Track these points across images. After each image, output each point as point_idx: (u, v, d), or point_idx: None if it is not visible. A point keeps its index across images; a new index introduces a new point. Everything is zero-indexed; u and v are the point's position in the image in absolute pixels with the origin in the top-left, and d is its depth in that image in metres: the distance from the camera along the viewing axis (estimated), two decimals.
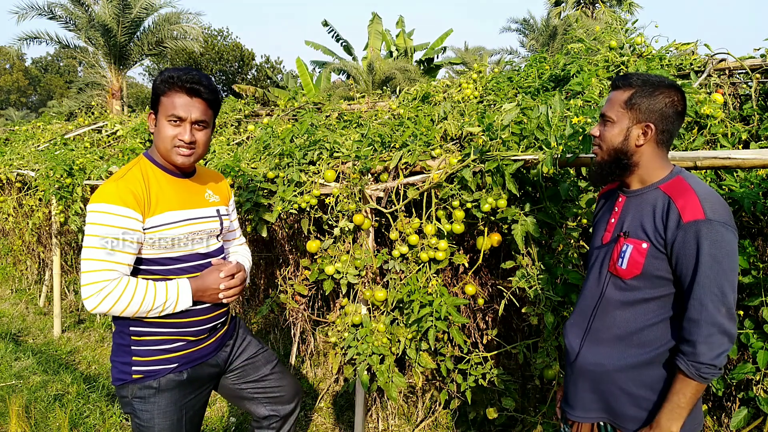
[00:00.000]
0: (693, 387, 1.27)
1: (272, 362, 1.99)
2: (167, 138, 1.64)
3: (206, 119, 1.67)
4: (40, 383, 3.61)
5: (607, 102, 1.44)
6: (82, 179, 4.18)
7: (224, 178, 2.00)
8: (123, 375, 1.67)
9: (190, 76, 1.61)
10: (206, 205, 1.80)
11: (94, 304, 1.51)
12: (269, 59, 33.23)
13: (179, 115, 1.62)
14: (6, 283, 6.30)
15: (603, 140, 1.43)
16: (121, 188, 1.57)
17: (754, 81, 2.91)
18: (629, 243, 1.38)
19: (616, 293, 1.41)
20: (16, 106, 39.93)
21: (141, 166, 1.68)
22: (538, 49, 23.78)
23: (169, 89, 1.62)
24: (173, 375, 1.69)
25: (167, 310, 1.62)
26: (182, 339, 1.70)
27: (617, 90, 1.42)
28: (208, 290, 1.68)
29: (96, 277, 1.52)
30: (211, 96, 1.66)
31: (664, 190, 1.36)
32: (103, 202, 1.55)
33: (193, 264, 1.72)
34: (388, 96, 5.50)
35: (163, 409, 1.67)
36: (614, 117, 1.40)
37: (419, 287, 2.21)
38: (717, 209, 1.27)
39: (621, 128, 1.39)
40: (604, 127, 1.44)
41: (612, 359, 1.41)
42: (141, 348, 1.66)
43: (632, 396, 1.38)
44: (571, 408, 1.52)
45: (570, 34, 3.98)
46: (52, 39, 16.60)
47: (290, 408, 2.00)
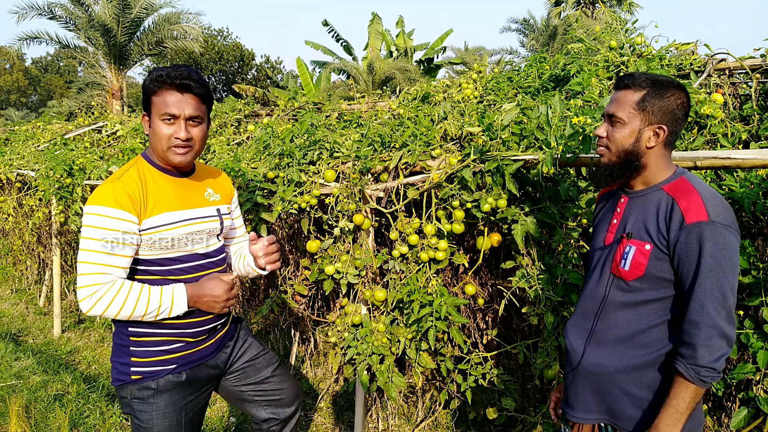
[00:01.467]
0: (692, 391, 1.26)
1: (273, 365, 1.98)
2: (163, 137, 1.62)
3: (200, 114, 1.65)
4: (40, 383, 3.61)
5: (615, 102, 1.40)
6: (82, 179, 4.18)
7: (224, 174, 1.97)
8: (122, 376, 1.67)
9: (178, 73, 1.59)
10: (206, 204, 1.78)
11: (87, 307, 1.52)
12: (269, 59, 33.25)
13: (172, 112, 1.60)
14: (6, 283, 6.30)
15: (612, 141, 1.39)
16: (117, 190, 1.56)
17: (754, 81, 2.91)
18: (632, 244, 1.37)
19: (618, 294, 1.40)
20: (16, 106, 39.94)
21: (138, 167, 1.67)
22: (538, 49, 23.78)
23: (159, 88, 1.60)
24: (172, 376, 1.68)
25: (162, 315, 1.61)
26: (181, 340, 1.69)
27: (626, 90, 1.38)
28: (204, 297, 1.66)
29: (90, 280, 1.51)
30: (203, 90, 1.64)
31: (668, 191, 1.35)
32: (98, 205, 1.54)
33: (192, 264, 1.71)
34: (388, 96, 5.50)
35: (161, 410, 1.67)
36: (625, 118, 1.36)
37: (419, 287, 2.21)
38: (720, 211, 1.27)
39: (632, 129, 1.36)
40: (612, 128, 1.40)
41: (613, 360, 1.40)
42: (139, 349, 1.66)
43: (633, 397, 1.38)
44: (571, 409, 1.52)
45: (570, 34, 3.98)
46: (52, 39, 16.60)
47: (290, 411, 1.99)
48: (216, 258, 1.80)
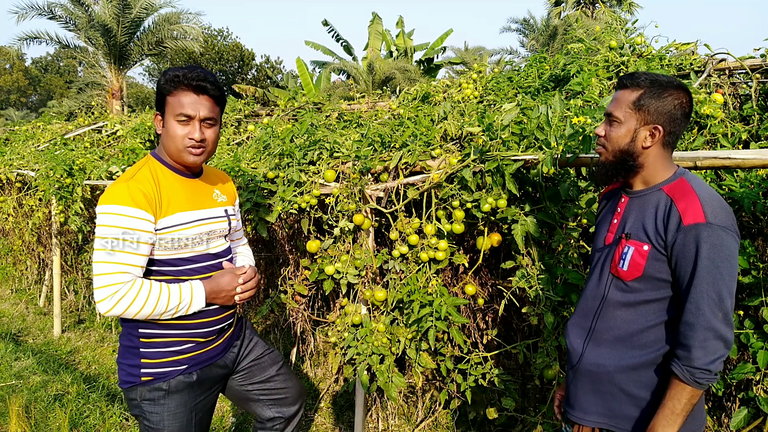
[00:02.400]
0: (688, 392, 1.26)
1: (278, 363, 1.99)
2: (177, 138, 1.62)
3: (214, 116, 1.66)
4: (40, 383, 3.61)
5: (614, 101, 1.41)
6: (82, 179, 4.18)
7: (230, 177, 2.00)
8: (131, 377, 1.65)
9: (195, 74, 1.60)
10: (215, 205, 1.79)
11: (108, 307, 1.50)
12: (269, 59, 33.23)
13: (188, 113, 1.60)
14: (6, 283, 6.30)
15: (609, 140, 1.40)
16: (132, 189, 1.55)
17: (754, 81, 2.91)
18: (630, 245, 1.37)
19: (617, 294, 1.41)
20: (16, 106, 39.94)
21: (150, 166, 1.66)
22: (538, 49, 23.78)
23: (175, 88, 1.60)
24: (183, 377, 1.67)
25: (181, 312, 1.61)
26: (191, 340, 1.69)
27: (625, 89, 1.39)
28: (222, 292, 1.68)
29: (109, 280, 1.50)
30: (218, 92, 1.66)
31: (667, 192, 1.35)
32: (114, 204, 1.53)
33: (204, 264, 1.72)
34: (388, 96, 5.49)
35: (172, 411, 1.66)
36: (621, 117, 1.37)
37: (419, 287, 2.21)
38: (718, 213, 1.26)
39: (628, 129, 1.36)
40: (609, 127, 1.41)
41: (613, 360, 1.40)
42: (150, 350, 1.65)
43: (632, 396, 1.38)
44: (571, 408, 1.52)
45: (570, 34, 3.98)
46: (52, 39, 16.60)
47: (294, 410, 2.00)
48: (225, 258, 1.82)
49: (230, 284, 1.70)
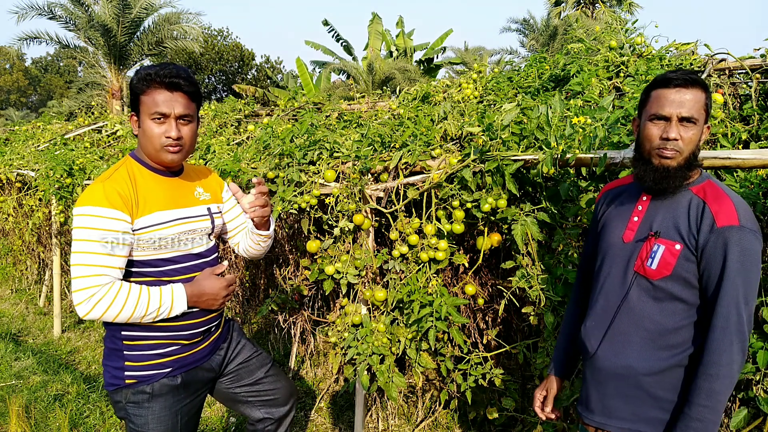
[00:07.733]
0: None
1: (266, 365, 1.97)
2: (154, 137, 1.59)
3: (190, 113, 1.63)
4: (40, 383, 3.61)
5: (686, 102, 1.34)
6: (82, 179, 4.18)
7: (213, 172, 1.93)
8: (116, 380, 1.64)
9: (168, 71, 1.57)
10: (196, 203, 1.75)
11: (85, 310, 1.48)
12: (269, 59, 33.25)
13: (162, 111, 1.57)
14: (6, 283, 6.30)
15: (686, 143, 1.34)
16: (107, 189, 1.53)
17: (754, 81, 2.90)
18: (661, 243, 1.36)
19: (641, 294, 1.39)
20: (16, 106, 39.94)
21: (127, 166, 1.64)
22: (538, 49, 23.78)
23: (147, 87, 1.58)
24: (167, 380, 1.66)
25: (161, 315, 1.59)
26: (176, 343, 1.67)
27: (694, 89, 1.34)
28: (204, 296, 1.65)
29: (87, 283, 1.48)
30: (192, 88, 1.62)
31: (696, 193, 1.35)
32: (89, 205, 1.51)
33: (186, 265, 1.69)
34: (388, 96, 5.49)
35: (157, 415, 1.65)
36: (698, 118, 1.35)
37: (419, 287, 2.21)
38: (749, 217, 1.28)
39: (700, 130, 1.36)
40: (685, 129, 1.35)
41: (640, 362, 1.38)
42: (133, 353, 1.63)
43: (658, 399, 1.37)
44: (590, 413, 1.48)
45: (570, 34, 3.97)
46: (52, 39, 16.60)
47: (285, 410, 1.99)
48: (209, 258, 1.78)
49: (213, 287, 1.66)
